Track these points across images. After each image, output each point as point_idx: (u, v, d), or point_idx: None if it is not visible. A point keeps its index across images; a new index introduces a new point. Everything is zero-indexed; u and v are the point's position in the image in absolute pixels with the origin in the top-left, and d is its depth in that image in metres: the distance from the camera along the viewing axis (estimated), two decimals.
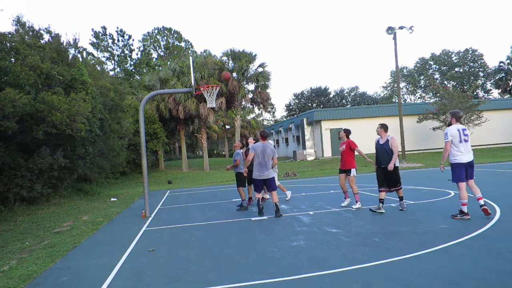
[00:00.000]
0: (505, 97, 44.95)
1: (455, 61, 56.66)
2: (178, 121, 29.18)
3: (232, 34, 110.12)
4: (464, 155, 6.46)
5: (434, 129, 27.40)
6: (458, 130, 6.44)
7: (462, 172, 6.48)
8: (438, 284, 3.66)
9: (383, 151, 7.53)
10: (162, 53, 53.31)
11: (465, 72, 56.19)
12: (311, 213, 7.99)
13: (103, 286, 4.34)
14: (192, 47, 54.71)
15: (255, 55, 28.13)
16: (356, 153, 8.33)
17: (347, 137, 8.34)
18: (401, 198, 7.74)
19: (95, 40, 47.47)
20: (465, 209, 6.42)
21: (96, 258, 5.64)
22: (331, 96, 67.01)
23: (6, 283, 4.65)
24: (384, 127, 7.70)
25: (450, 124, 6.64)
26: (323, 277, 4.11)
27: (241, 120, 34.90)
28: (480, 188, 7.05)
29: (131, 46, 49.03)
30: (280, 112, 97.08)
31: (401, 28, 22.00)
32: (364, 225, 6.56)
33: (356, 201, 8.26)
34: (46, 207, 11.59)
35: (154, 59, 50.14)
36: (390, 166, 7.37)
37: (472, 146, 6.79)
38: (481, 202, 6.39)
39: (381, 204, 7.60)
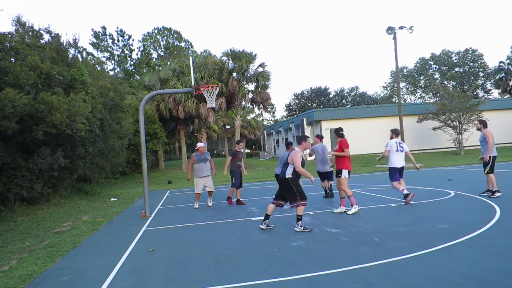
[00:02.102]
0: (505, 97, 44.95)
1: (455, 61, 56.67)
2: (178, 121, 29.15)
3: (232, 34, 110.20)
4: (398, 162, 8.38)
5: (434, 129, 27.41)
6: (396, 142, 8.45)
7: (397, 174, 8.45)
8: (438, 284, 3.66)
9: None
10: (162, 53, 53.32)
11: (465, 72, 56.20)
12: (311, 213, 7.99)
13: (103, 286, 4.34)
14: (192, 47, 54.74)
15: (255, 55, 28.11)
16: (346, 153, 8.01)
17: (339, 136, 8.11)
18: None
19: (95, 40, 47.51)
20: (406, 191, 8.32)
21: (96, 258, 5.64)
22: (331, 96, 67.03)
23: (6, 283, 4.65)
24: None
25: (391, 138, 8.56)
26: (323, 277, 4.11)
27: (241, 120, 34.89)
28: (480, 187, 7.00)
29: (131, 46, 49.08)
30: (280, 112, 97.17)
31: (401, 28, 22.02)
32: (364, 225, 6.56)
33: (352, 205, 7.65)
34: (46, 207, 11.59)
35: (154, 59, 50.14)
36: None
37: (472, 146, 7.06)
38: (405, 192, 8.37)
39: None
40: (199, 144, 10.10)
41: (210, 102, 10.04)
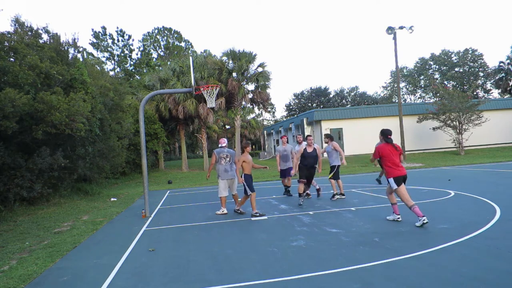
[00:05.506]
0: (505, 97, 44.93)
1: (455, 61, 56.66)
2: (178, 121, 29.16)
3: (232, 34, 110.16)
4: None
5: (434, 129, 27.40)
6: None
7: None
8: (438, 284, 3.66)
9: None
10: (162, 53, 53.31)
11: (465, 72, 56.20)
12: (311, 213, 7.99)
13: (103, 286, 4.34)
14: (192, 47, 54.71)
15: (255, 55, 28.05)
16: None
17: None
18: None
19: (95, 40, 47.49)
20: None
21: (96, 258, 5.64)
22: (331, 96, 66.99)
23: (6, 283, 4.65)
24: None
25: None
26: (323, 277, 4.11)
27: (241, 120, 34.87)
28: (480, 187, 6.96)
29: (131, 46, 49.06)
30: (280, 112, 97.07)
31: (401, 28, 22.01)
32: (364, 225, 6.56)
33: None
34: (46, 207, 11.58)
35: (154, 59, 50.13)
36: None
37: (472, 146, 7.03)
38: (317, 186, 10.46)
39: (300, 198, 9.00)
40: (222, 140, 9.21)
41: (210, 102, 10.03)
